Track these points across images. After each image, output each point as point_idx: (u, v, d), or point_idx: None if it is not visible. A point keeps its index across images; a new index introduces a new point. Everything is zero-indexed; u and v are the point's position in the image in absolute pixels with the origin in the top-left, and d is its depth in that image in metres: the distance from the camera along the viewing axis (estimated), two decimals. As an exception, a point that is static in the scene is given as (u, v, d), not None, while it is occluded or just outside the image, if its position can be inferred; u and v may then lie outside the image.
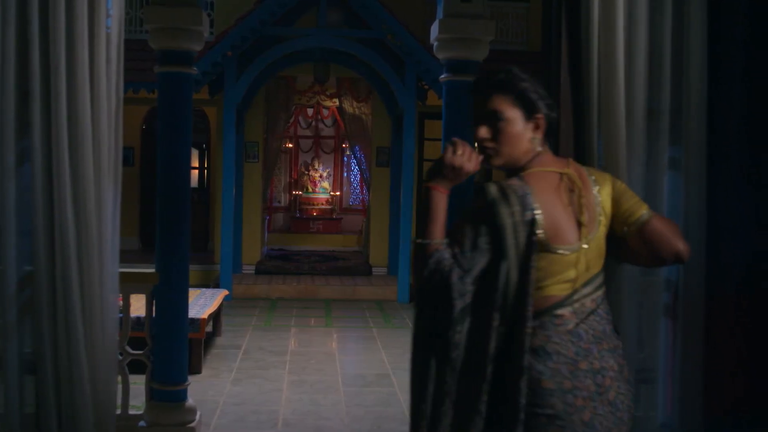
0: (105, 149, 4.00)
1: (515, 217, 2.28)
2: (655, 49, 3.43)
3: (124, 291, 4.80)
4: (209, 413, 5.86)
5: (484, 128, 2.39)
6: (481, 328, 2.30)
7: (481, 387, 2.29)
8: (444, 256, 2.28)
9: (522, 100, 2.38)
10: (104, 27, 3.94)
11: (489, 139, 2.39)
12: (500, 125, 2.37)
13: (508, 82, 2.40)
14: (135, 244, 14.57)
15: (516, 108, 2.37)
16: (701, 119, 3.39)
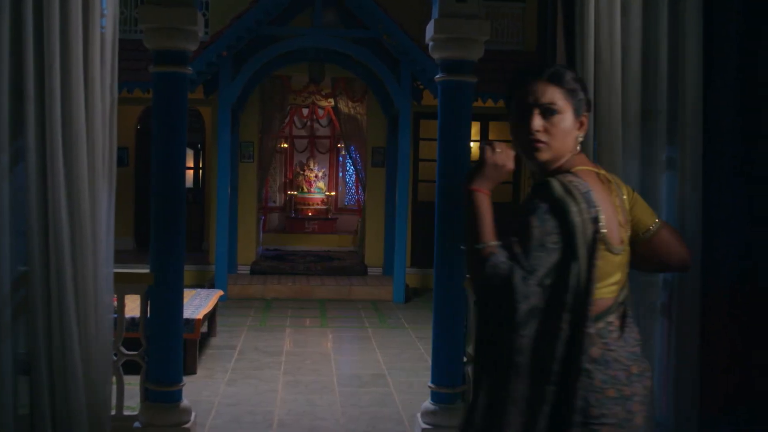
0: (99, 149, 3.99)
1: (583, 214, 2.21)
2: (650, 49, 3.44)
3: (118, 291, 4.79)
4: (204, 414, 5.85)
5: (540, 120, 2.30)
6: (549, 330, 2.22)
7: (547, 392, 2.22)
8: (500, 259, 2.20)
9: (574, 96, 2.32)
10: (98, 27, 3.93)
11: (543, 131, 2.30)
12: (555, 119, 2.30)
13: (563, 77, 2.33)
14: (130, 245, 14.55)
15: (568, 103, 2.31)
16: (697, 118, 3.39)
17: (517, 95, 2.33)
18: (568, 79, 2.31)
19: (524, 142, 2.31)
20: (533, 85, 2.30)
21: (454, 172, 5.22)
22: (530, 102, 2.29)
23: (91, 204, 3.98)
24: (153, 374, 4.87)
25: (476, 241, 2.25)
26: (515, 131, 2.35)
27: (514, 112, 2.34)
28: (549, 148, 2.29)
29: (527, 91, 2.31)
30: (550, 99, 2.28)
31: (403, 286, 11.58)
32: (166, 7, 4.76)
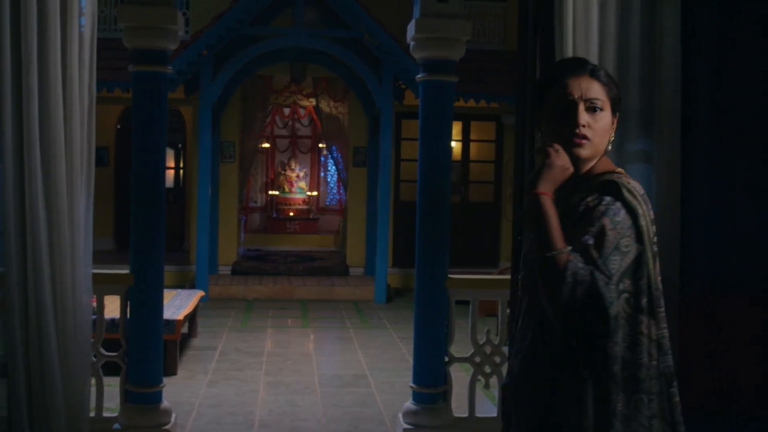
0: (77, 148, 3.96)
1: (647, 217, 2.17)
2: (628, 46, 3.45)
3: (97, 292, 4.76)
4: (185, 415, 5.82)
5: (585, 115, 2.19)
6: (633, 335, 2.15)
7: (643, 402, 2.15)
8: (579, 266, 2.07)
9: (611, 94, 2.24)
10: (77, 25, 3.90)
11: (588, 127, 2.19)
12: (597, 115, 2.20)
13: (603, 73, 2.25)
14: (110, 245, 14.46)
15: (607, 101, 2.22)
16: (676, 114, 3.41)
17: (557, 89, 2.21)
18: (606, 75, 2.25)
19: (566, 137, 2.19)
20: (579, 80, 2.20)
21: (435, 172, 5.22)
22: (576, 97, 2.18)
23: (69, 204, 3.94)
24: (133, 375, 4.84)
25: (549, 248, 2.10)
26: (553, 126, 2.22)
27: (553, 106, 2.22)
28: (591, 145, 2.20)
29: (572, 85, 2.20)
30: (595, 95, 2.20)
31: (384, 286, 11.58)
32: (146, 6, 4.73)
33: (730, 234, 3.43)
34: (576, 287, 2.07)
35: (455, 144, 13.66)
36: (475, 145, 14.03)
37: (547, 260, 2.09)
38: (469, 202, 13.59)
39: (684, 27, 3.42)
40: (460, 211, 12.81)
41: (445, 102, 5.26)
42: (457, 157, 13.63)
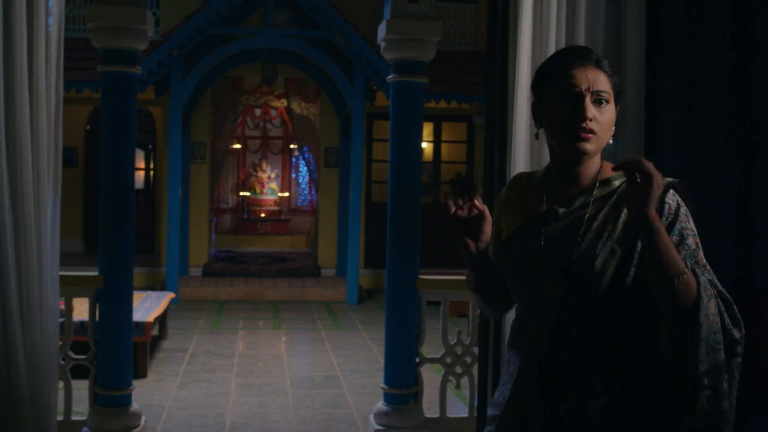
0: (44, 150, 3.91)
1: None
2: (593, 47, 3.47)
3: (66, 294, 4.72)
4: (155, 418, 5.78)
5: (592, 108, 2.03)
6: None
7: None
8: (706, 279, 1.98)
9: (614, 85, 2.10)
10: (44, 25, 3.86)
11: (595, 120, 2.04)
12: (603, 108, 2.05)
13: (610, 65, 2.12)
14: (79, 247, 14.34)
15: (611, 93, 2.08)
16: (639, 114, 3.43)
17: (561, 80, 2.06)
18: (609, 66, 2.11)
19: (571, 130, 2.04)
20: (585, 71, 2.05)
21: (406, 173, 5.23)
22: (583, 89, 2.03)
23: (36, 205, 3.90)
24: (102, 378, 4.80)
25: (678, 273, 1.91)
26: (557, 120, 2.06)
27: (557, 98, 2.06)
28: (597, 139, 2.04)
29: (578, 77, 2.04)
30: (602, 87, 2.05)
31: (356, 287, 11.57)
32: (115, 6, 4.70)
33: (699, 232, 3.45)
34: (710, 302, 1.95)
35: (426, 145, 13.70)
36: (446, 145, 14.08)
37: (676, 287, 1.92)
38: (441, 203, 13.62)
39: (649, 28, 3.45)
40: (432, 212, 12.83)
41: (416, 103, 5.27)
42: (428, 158, 13.66)
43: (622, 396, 2.02)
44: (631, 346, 2.04)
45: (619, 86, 2.11)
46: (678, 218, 2.05)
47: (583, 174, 2.11)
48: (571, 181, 2.12)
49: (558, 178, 2.14)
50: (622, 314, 2.03)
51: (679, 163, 3.46)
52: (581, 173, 2.11)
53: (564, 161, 2.11)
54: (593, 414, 2.00)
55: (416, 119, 5.29)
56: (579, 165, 2.10)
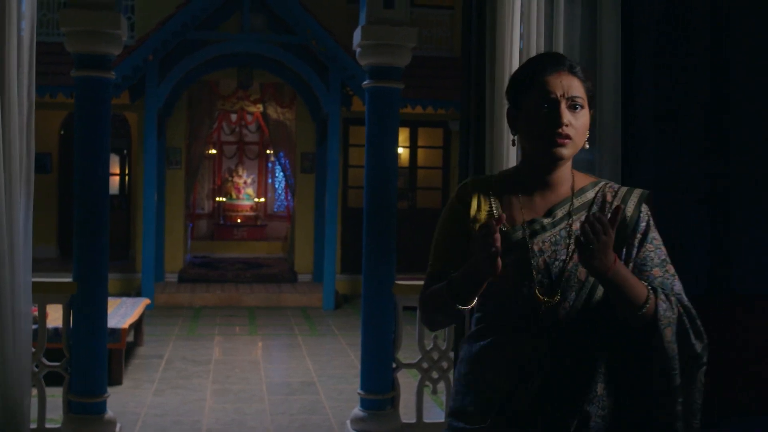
0: (17, 154, 3.88)
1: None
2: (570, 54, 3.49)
3: (39, 301, 4.68)
4: (130, 425, 5.74)
5: (568, 113, 2.05)
6: None
7: None
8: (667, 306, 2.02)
9: (588, 91, 2.12)
10: (15, 28, 3.83)
11: (571, 125, 2.05)
12: (578, 113, 2.07)
13: (583, 70, 2.13)
14: (53, 253, 14.21)
15: (585, 98, 2.10)
16: (616, 122, 3.46)
17: (537, 87, 2.07)
18: (583, 71, 2.13)
19: (547, 137, 2.04)
20: (559, 77, 2.07)
21: (382, 178, 5.24)
22: (557, 95, 2.05)
23: (8, 211, 3.87)
24: (76, 385, 4.77)
25: (640, 305, 1.98)
26: (533, 126, 2.07)
27: (532, 105, 2.08)
28: (573, 144, 2.06)
29: (552, 83, 2.06)
30: (576, 92, 2.07)
31: (333, 292, 11.55)
32: (89, 11, 4.68)
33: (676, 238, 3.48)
34: (670, 329, 2.01)
35: (402, 150, 13.71)
36: (422, 151, 14.10)
37: (637, 318, 1.99)
38: (417, 208, 13.64)
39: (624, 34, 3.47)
40: (408, 217, 12.84)
41: (392, 108, 5.28)
42: (404, 163, 13.68)
43: (619, 401, 2.08)
44: (626, 349, 2.08)
45: (592, 91, 2.13)
46: (650, 228, 2.11)
47: (558, 181, 2.13)
48: (545, 189, 2.13)
49: (532, 185, 2.15)
50: (617, 322, 2.06)
51: (656, 168, 3.49)
52: (556, 180, 2.13)
53: (539, 168, 2.12)
54: (593, 416, 2.04)
55: (392, 124, 5.30)
56: (554, 171, 2.11)
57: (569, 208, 2.11)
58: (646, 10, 3.47)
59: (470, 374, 2.16)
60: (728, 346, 3.47)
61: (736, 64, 3.48)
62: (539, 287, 2.05)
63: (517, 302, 2.07)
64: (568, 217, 2.10)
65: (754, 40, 3.49)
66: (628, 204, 2.12)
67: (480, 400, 2.12)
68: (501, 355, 2.11)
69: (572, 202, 2.12)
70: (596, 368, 2.06)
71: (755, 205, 3.52)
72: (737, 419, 3.48)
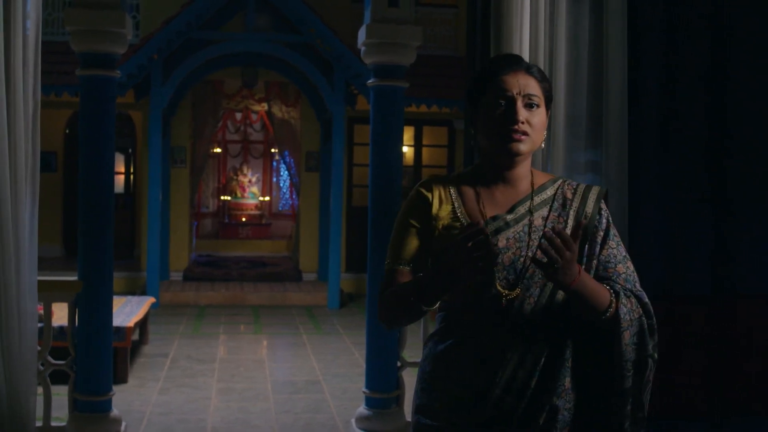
0: (22, 153, 3.89)
1: None
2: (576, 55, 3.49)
3: (45, 300, 4.69)
4: (135, 423, 5.75)
5: (524, 111, 2.10)
6: None
7: None
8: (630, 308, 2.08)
9: (545, 91, 2.17)
10: (21, 28, 3.84)
11: (527, 122, 2.10)
12: (534, 111, 2.11)
13: (539, 71, 2.18)
14: (58, 252, 14.24)
15: (542, 98, 2.15)
16: (622, 123, 3.45)
17: (494, 85, 2.12)
18: (539, 71, 2.19)
19: (503, 133, 2.09)
20: (516, 76, 2.12)
21: (387, 177, 5.24)
22: (514, 93, 2.10)
23: (14, 210, 3.88)
24: (82, 384, 4.78)
25: (603, 310, 2.05)
26: (490, 123, 2.12)
27: (490, 103, 2.12)
28: (530, 140, 2.11)
29: (509, 82, 2.11)
30: (532, 90, 2.12)
31: (337, 291, 11.56)
32: (94, 10, 4.68)
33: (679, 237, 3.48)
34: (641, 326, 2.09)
35: (407, 149, 13.71)
36: (427, 150, 14.09)
37: (602, 322, 2.06)
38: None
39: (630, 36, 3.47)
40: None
41: (396, 107, 5.28)
42: (409, 162, 13.67)
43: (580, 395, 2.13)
44: (588, 346, 2.14)
45: (549, 91, 2.19)
46: (610, 225, 2.18)
47: (517, 178, 2.18)
48: (505, 186, 2.18)
49: (492, 183, 2.19)
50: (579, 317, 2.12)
51: (659, 168, 3.48)
52: (515, 177, 2.18)
53: (498, 165, 2.17)
54: (561, 410, 2.09)
55: (397, 123, 5.30)
56: (513, 168, 2.16)
57: (530, 204, 2.15)
58: (650, 11, 3.46)
59: (435, 372, 2.19)
60: (731, 346, 3.48)
61: (736, 64, 3.48)
62: (504, 283, 2.09)
63: (482, 299, 2.09)
64: (529, 214, 2.14)
65: (754, 40, 3.48)
66: (588, 201, 2.17)
67: (446, 396, 2.15)
68: (466, 352, 2.13)
69: (532, 198, 2.16)
70: (563, 362, 2.10)
71: (758, 204, 3.52)
72: (738, 419, 3.49)
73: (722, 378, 3.46)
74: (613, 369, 2.08)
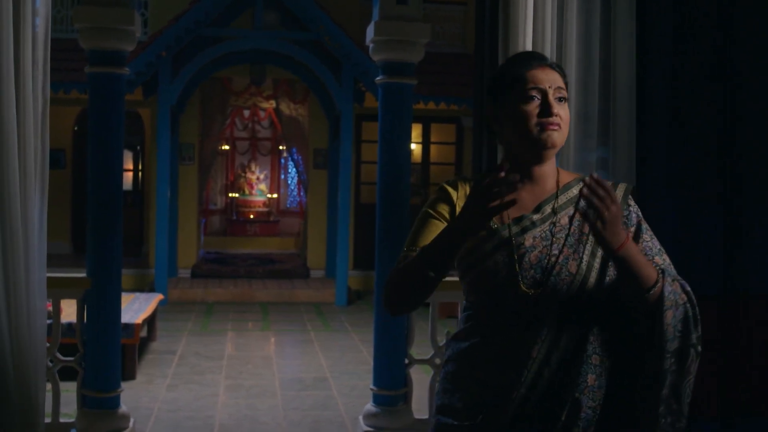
0: (31, 150, 3.90)
1: None
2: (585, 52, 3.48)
3: (54, 296, 4.70)
4: (143, 420, 5.76)
5: (556, 103, 2.09)
6: None
7: None
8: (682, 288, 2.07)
9: (567, 88, 2.17)
10: (30, 25, 3.84)
11: (559, 116, 2.09)
12: (563, 105, 2.11)
13: (560, 66, 2.19)
14: (67, 249, 14.28)
15: (567, 94, 2.15)
16: (630, 121, 3.44)
17: (523, 81, 2.10)
18: (560, 67, 2.19)
19: (535, 127, 2.07)
20: (544, 71, 2.11)
21: (395, 174, 5.23)
22: (546, 86, 2.09)
23: (23, 207, 3.88)
24: (90, 380, 4.79)
25: (650, 286, 2.00)
26: (522, 117, 2.08)
27: (519, 97, 2.10)
28: (562, 134, 2.10)
29: (539, 76, 2.10)
30: (561, 84, 2.12)
31: (345, 288, 11.56)
32: (102, 7, 4.69)
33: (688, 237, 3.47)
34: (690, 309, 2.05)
35: (415, 146, 13.70)
36: (435, 147, 14.09)
37: (647, 299, 2.01)
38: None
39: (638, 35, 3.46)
40: (421, 213, 12.81)
41: (405, 104, 5.28)
42: (417, 159, 13.66)
43: (609, 392, 2.08)
44: (621, 336, 2.11)
45: (567, 87, 2.18)
46: (641, 220, 2.15)
47: (544, 176, 2.16)
48: (531, 185, 2.16)
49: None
50: (608, 311, 2.09)
51: (667, 166, 3.47)
52: (542, 175, 2.16)
53: (526, 162, 2.14)
54: (584, 407, 2.04)
55: (405, 120, 5.29)
56: (541, 163, 2.14)
57: (555, 204, 2.13)
58: (657, 9, 3.45)
59: (459, 371, 2.17)
60: (741, 346, 3.46)
61: (745, 62, 3.47)
62: (531, 282, 2.06)
63: (507, 298, 2.07)
64: (554, 214, 2.12)
65: (763, 38, 3.47)
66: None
67: (469, 396, 2.12)
68: (491, 351, 2.11)
69: (557, 197, 2.14)
70: (587, 359, 2.06)
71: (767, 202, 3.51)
72: (749, 420, 3.47)
73: (732, 378, 3.45)
74: (652, 352, 2.03)
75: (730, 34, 3.45)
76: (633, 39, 3.42)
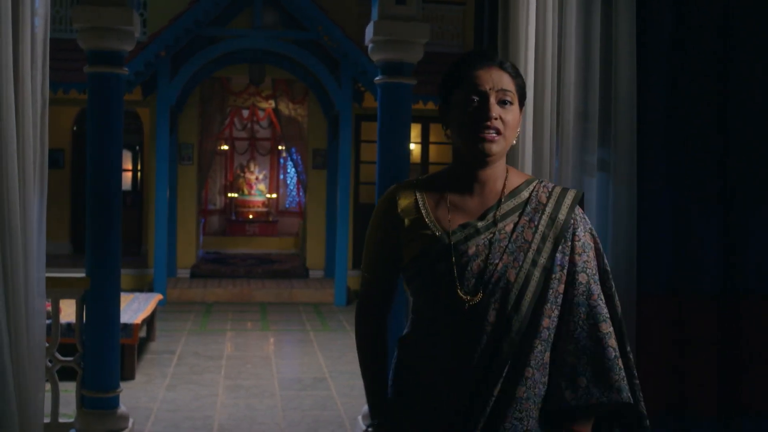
0: (30, 151, 3.90)
1: None
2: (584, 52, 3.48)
3: (53, 296, 4.70)
4: (142, 420, 5.76)
5: (497, 107, 2.02)
6: None
7: None
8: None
9: (518, 87, 2.08)
10: (29, 26, 3.84)
11: (501, 119, 2.02)
12: (508, 108, 2.03)
13: (513, 67, 2.10)
14: (66, 249, 14.27)
15: (516, 94, 2.06)
16: (631, 121, 3.44)
17: (466, 81, 2.04)
18: (513, 67, 2.11)
19: (474, 131, 2.01)
20: (489, 71, 2.04)
21: (394, 174, 5.23)
22: (486, 88, 2.01)
23: (22, 207, 3.88)
24: (89, 380, 4.79)
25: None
26: (462, 121, 2.04)
27: (462, 99, 2.05)
28: (503, 139, 2.02)
29: (482, 77, 2.03)
30: (506, 86, 2.03)
31: (344, 288, 11.56)
32: (101, 7, 4.69)
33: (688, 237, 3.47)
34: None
35: (414, 146, 13.69)
36: (434, 147, 14.08)
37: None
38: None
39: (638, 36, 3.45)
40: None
41: (404, 104, 5.28)
42: (416, 159, 13.65)
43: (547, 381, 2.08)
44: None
45: (522, 88, 2.11)
46: (579, 231, 2.10)
47: (490, 179, 2.12)
48: (478, 188, 2.11)
49: (464, 185, 2.12)
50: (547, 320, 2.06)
51: (668, 167, 3.47)
52: (488, 178, 2.11)
53: (471, 165, 2.10)
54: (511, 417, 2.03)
55: (404, 120, 5.29)
56: (485, 168, 2.09)
57: (496, 213, 2.08)
58: (656, 7, 3.45)
59: (401, 376, 2.24)
60: (741, 345, 3.46)
61: (745, 63, 3.47)
62: (472, 290, 2.03)
63: (447, 305, 2.05)
64: (500, 220, 2.08)
65: (763, 38, 3.47)
66: (562, 206, 2.09)
67: (411, 401, 2.17)
68: (432, 358, 2.10)
69: (500, 205, 2.09)
70: (528, 361, 2.03)
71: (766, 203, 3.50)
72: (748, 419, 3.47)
73: (732, 377, 3.45)
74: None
75: (730, 34, 3.45)
76: (633, 39, 3.42)
